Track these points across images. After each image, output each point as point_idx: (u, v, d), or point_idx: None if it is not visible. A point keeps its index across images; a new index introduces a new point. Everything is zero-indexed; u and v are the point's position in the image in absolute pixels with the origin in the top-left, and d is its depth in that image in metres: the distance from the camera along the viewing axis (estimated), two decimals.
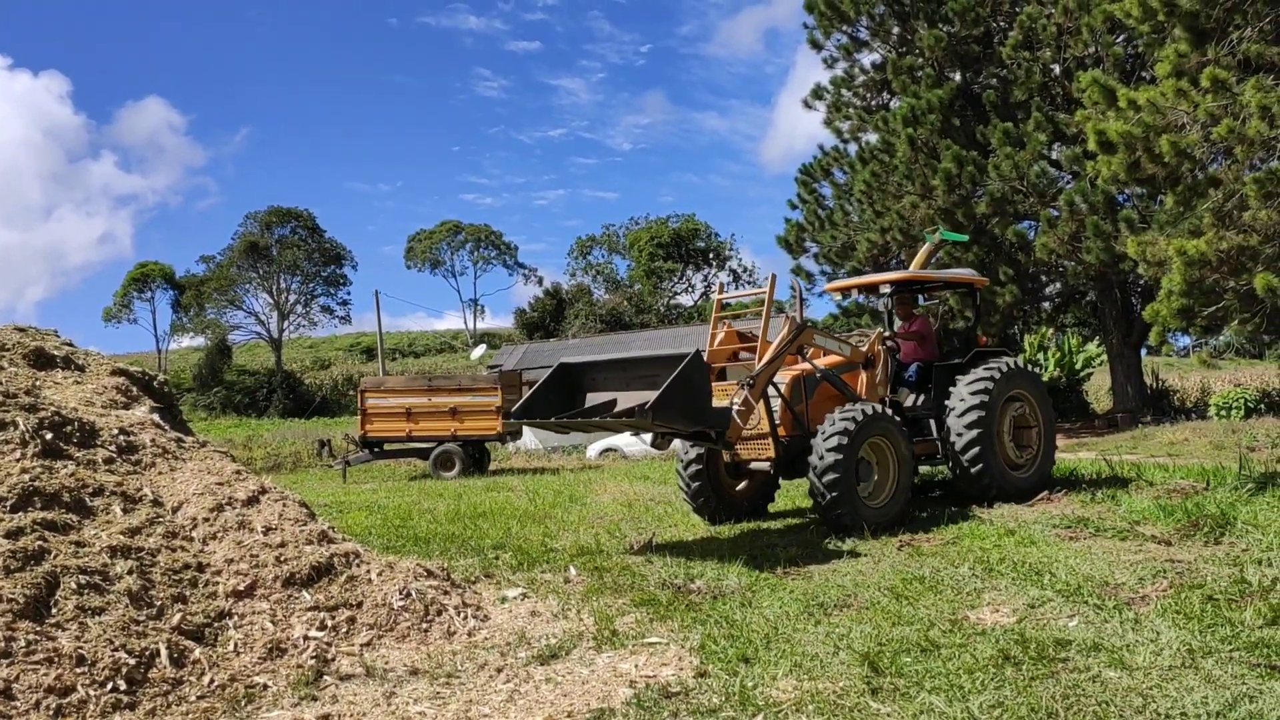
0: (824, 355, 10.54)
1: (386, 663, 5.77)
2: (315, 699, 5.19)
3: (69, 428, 6.83)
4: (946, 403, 10.58)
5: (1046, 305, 26.75)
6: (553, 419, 8.95)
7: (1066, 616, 5.83)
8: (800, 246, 26.39)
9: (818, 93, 25.87)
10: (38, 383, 7.48)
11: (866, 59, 25.57)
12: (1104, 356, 25.70)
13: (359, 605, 6.34)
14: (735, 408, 9.09)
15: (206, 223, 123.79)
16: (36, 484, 6.04)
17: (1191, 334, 22.70)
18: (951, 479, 10.84)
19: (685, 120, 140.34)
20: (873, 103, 25.64)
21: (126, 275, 69.08)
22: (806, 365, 10.25)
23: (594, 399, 9.35)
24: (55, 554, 5.57)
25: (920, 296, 12.71)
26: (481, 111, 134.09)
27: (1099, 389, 30.03)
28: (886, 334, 11.49)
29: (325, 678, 5.49)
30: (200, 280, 66.67)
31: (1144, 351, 26.12)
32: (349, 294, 71.24)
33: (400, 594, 6.54)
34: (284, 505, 7.09)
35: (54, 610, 5.23)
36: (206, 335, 65.79)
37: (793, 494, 12.18)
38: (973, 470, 10.32)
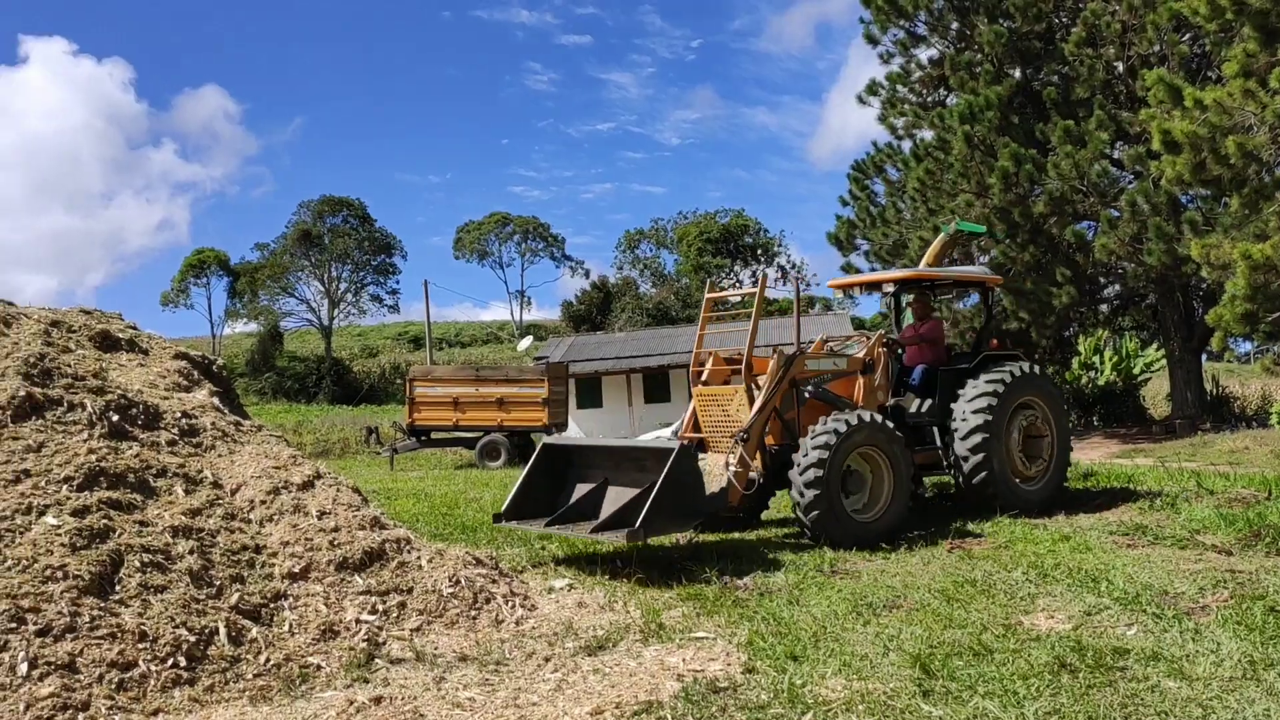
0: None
1: (436, 648, 5.83)
2: (367, 681, 5.26)
3: (134, 410, 6.98)
4: (951, 409, 10.14)
5: (1104, 308, 26.31)
6: (543, 526, 8.33)
7: (1124, 625, 5.74)
8: (851, 243, 26.20)
9: (872, 88, 25.63)
10: (104, 365, 7.64)
11: (924, 54, 25.29)
12: (1163, 361, 25.22)
13: (409, 591, 6.41)
14: (731, 469, 8.64)
15: (261, 210, 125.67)
16: (103, 464, 6.18)
17: (1254, 339, 22.25)
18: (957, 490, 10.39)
19: (735, 116, 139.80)
20: (929, 99, 25.34)
21: (184, 261, 70.30)
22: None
23: (582, 489, 8.74)
24: (120, 533, 5.70)
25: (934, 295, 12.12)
26: (531, 105, 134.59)
27: (1156, 394, 29.49)
28: (890, 336, 10.93)
29: (376, 661, 5.56)
30: (254, 267, 67.65)
31: (1204, 357, 25.58)
32: (398, 283, 71.81)
33: (450, 581, 6.61)
34: (338, 490, 7.18)
35: (118, 587, 5.35)
36: (259, 321, 66.77)
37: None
38: (976, 481, 9.86)
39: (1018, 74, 23.22)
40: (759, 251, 67.05)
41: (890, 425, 9.17)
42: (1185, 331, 22.98)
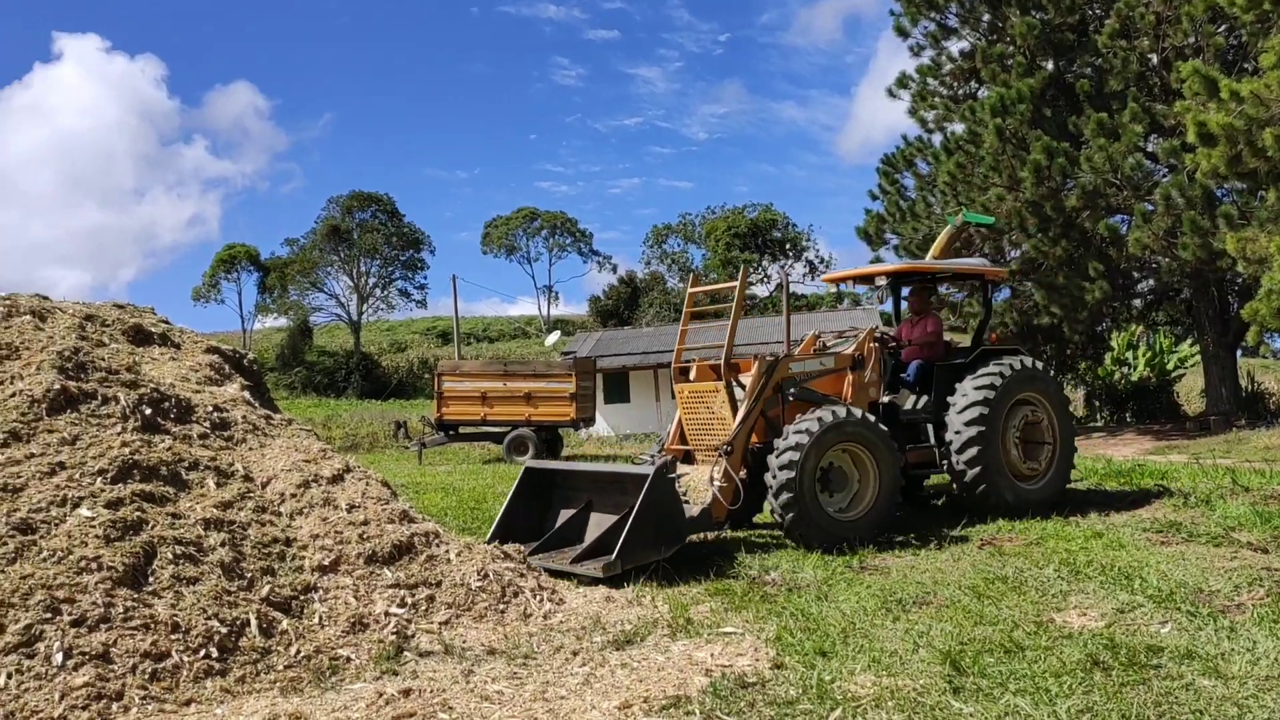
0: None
1: (464, 642, 5.85)
2: (396, 673, 5.29)
3: (166, 404, 7.05)
4: (946, 405, 9.82)
5: (1138, 303, 26.01)
6: (526, 554, 7.61)
7: (1158, 622, 5.67)
8: (880, 238, 26.03)
9: (903, 81, 25.44)
10: (137, 359, 7.72)
11: (955, 47, 25.06)
12: (1197, 357, 24.91)
13: (438, 584, 6.44)
14: (716, 484, 8.43)
15: (291, 206, 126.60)
16: (136, 457, 6.24)
17: None
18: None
19: (763, 110, 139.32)
20: (960, 92, 25.12)
21: (215, 257, 70.96)
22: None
23: (565, 514, 8.52)
24: (153, 525, 5.75)
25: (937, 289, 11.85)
26: (559, 100, 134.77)
27: (1190, 390, 29.12)
28: (883, 331, 10.56)
29: (405, 653, 5.59)
30: (284, 262, 68.17)
31: (1239, 352, 25.22)
32: (426, 278, 72.23)
33: (478, 575, 6.63)
34: (367, 484, 7.22)
35: (151, 579, 5.40)
36: (289, 316, 67.28)
37: None
38: (970, 480, 9.55)
39: (1050, 66, 22.97)
40: (787, 246, 66.81)
41: (873, 421, 8.89)
42: (1220, 326, 22.68)
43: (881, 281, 10.67)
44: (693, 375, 9.43)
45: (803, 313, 36.61)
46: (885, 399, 10.05)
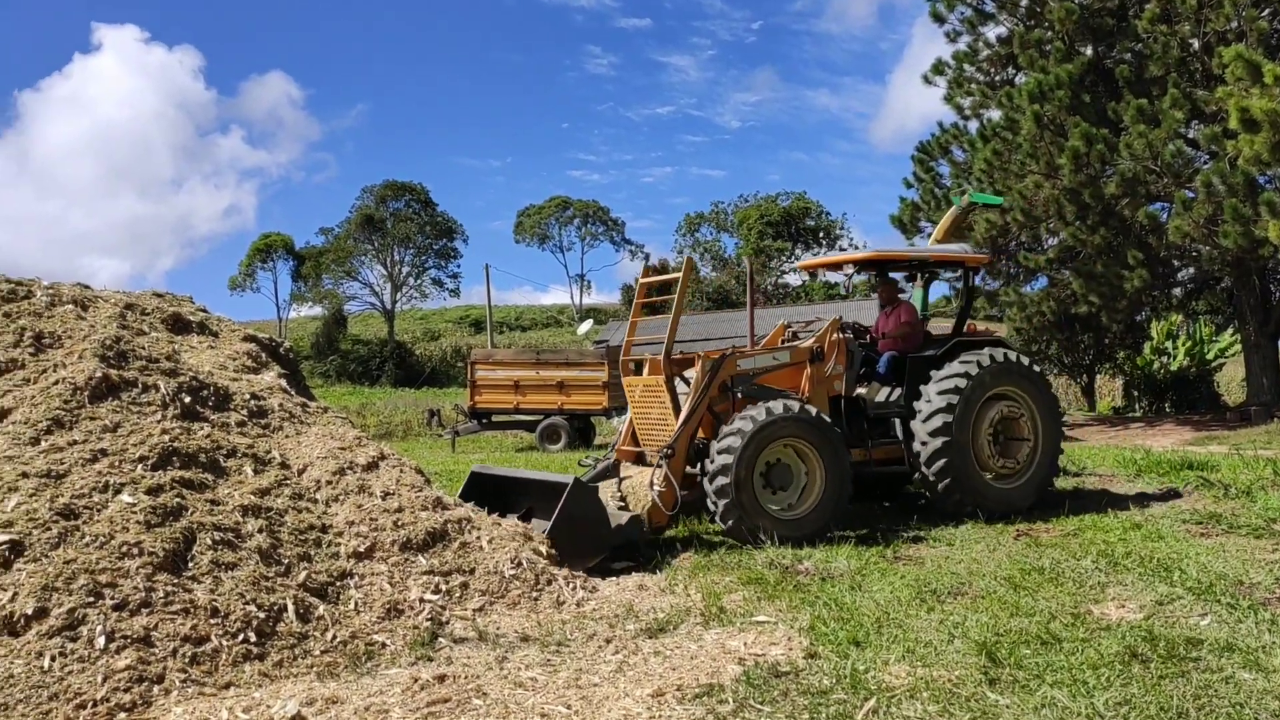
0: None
1: (498, 628, 5.89)
2: (431, 659, 5.33)
3: (205, 392, 7.13)
4: (921, 389, 9.38)
5: (1177, 291, 25.62)
6: None
7: (1198, 614, 5.60)
8: (915, 226, 25.80)
9: (938, 68, 25.16)
10: (176, 347, 7.81)
11: (992, 32, 24.73)
12: (1238, 346, 24.52)
13: (472, 571, 6.48)
14: (656, 489, 8.21)
15: (325, 195, 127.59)
16: (175, 445, 6.33)
17: None
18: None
19: (796, 98, 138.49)
20: (996, 78, 24.81)
21: (250, 246, 71.67)
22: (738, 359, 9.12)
23: (510, 519, 8.09)
24: (192, 511, 5.83)
25: (914, 277, 10.97)
26: (591, 89, 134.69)
27: (1231, 380, 28.70)
28: (853, 322, 10.16)
29: (440, 640, 5.64)
30: (319, 251, 68.74)
31: None
32: (459, 267, 72.65)
33: (512, 562, 6.67)
34: (401, 471, 7.27)
35: (191, 564, 5.48)
36: (324, 305, 67.89)
37: None
38: (935, 479, 9.11)
39: (1089, 51, 22.64)
40: (820, 234, 66.47)
41: (815, 415, 8.53)
42: (1261, 315, 22.29)
43: (849, 269, 10.33)
44: (645, 371, 9.16)
45: (835, 302, 36.46)
46: (860, 391, 9.70)
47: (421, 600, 6.05)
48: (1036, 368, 9.79)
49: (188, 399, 6.93)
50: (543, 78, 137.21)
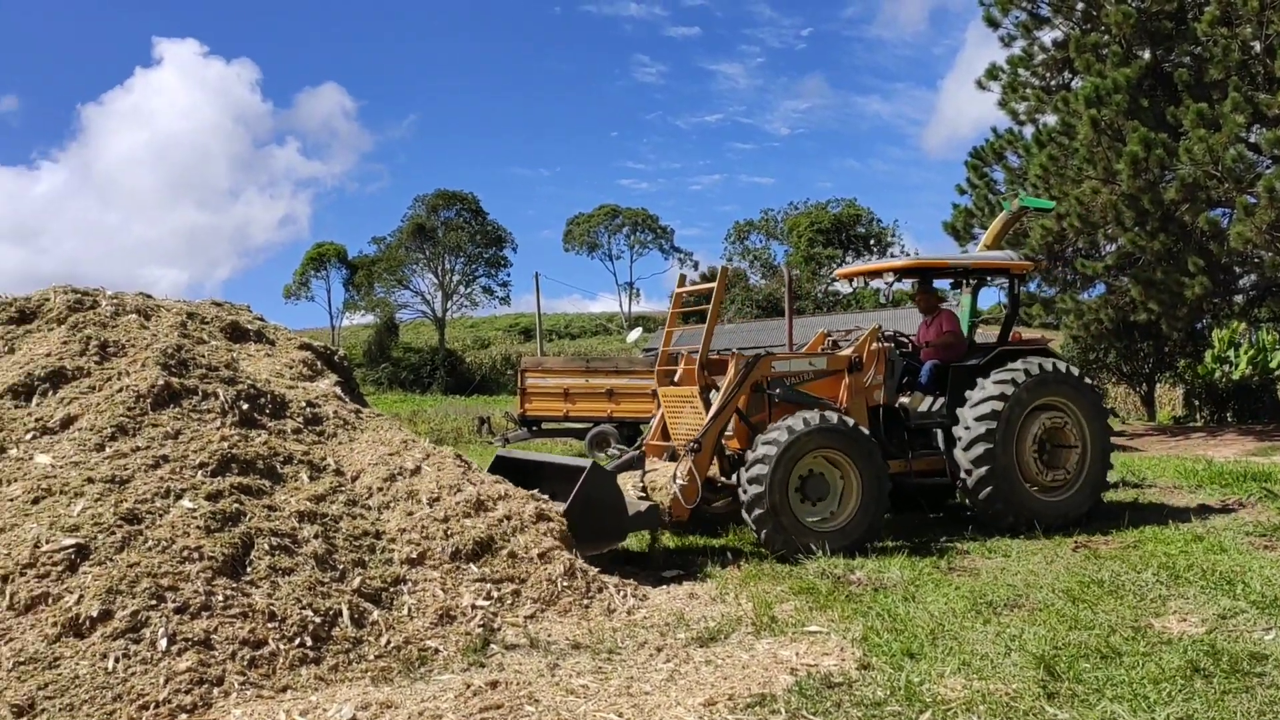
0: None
1: (549, 635, 5.91)
2: (483, 665, 5.37)
3: (263, 399, 7.26)
4: (958, 411, 9.15)
5: (1239, 298, 25.04)
6: None
7: (1262, 629, 5.47)
8: (968, 233, 25.49)
9: (993, 73, 24.87)
10: (234, 356, 7.96)
11: (1047, 37, 24.39)
12: None
13: (523, 579, 6.51)
14: (679, 481, 8.13)
15: (377, 205, 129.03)
16: (234, 451, 6.44)
17: None
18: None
19: (846, 104, 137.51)
20: (1052, 82, 24.46)
21: (305, 255, 72.72)
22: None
23: None
24: (250, 516, 5.93)
25: (959, 285, 10.67)
26: (640, 98, 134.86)
27: None
28: (894, 331, 10.09)
29: (492, 646, 5.67)
30: (371, 260, 69.55)
31: None
32: (509, 275, 73.13)
33: (563, 570, 6.69)
34: (440, 470, 7.29)
35: (249, 569, 5.57)
36: (376, 313, 68.66)
37: None
38: (977, 490, 8.89)
39: (1147, 55, 22.25)
40: (872, 242, 65.97)
41: (853, 426, 8.39)
42: None
43: (890, 278, 10.08)
44: (677, 378, 9.14)
45: (886, 310, 36.11)
46: (902, 401, 9.53)
47: (474, 607, 6.09)
48: (1084, 376, 9.54)
49: (246, 406, 7.05)
50: (592, 87, 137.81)
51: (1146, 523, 9.05)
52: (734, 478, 8.37)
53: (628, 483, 8.37)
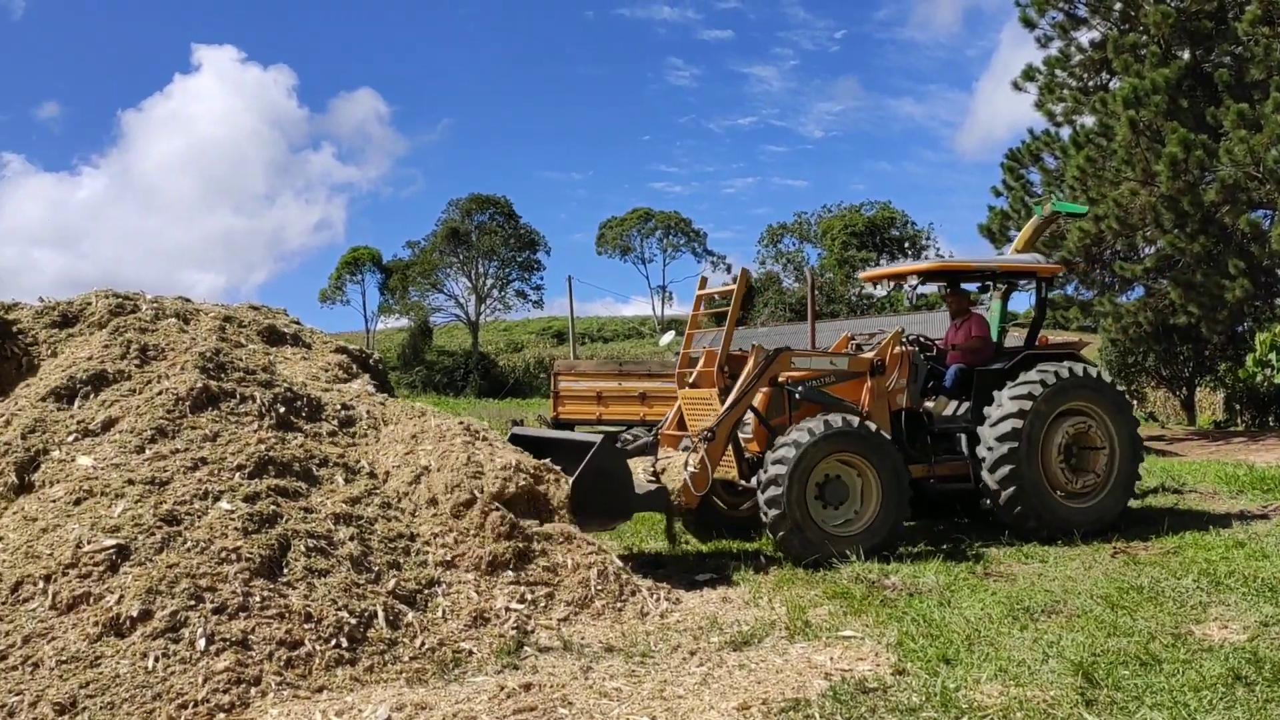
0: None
1: (583, 638, 5.93)
2: (517, 668, 5.39)
3: (299, 402, 7.34)
4: (979, 430, 8.96)
5: None
6: None
7: None
8: (1004, 235, 25.26)
9: (1029, 74, 24.66)
10: (271, 359, 8.05)
11: (1084, 37, 24.16)
12: None
13: (557, 581, 6.53)
14: (690, 469, 8.07)
15: (411, 209, 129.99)
16: (271, 454, 6.51)
17: None
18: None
19: (879, 107, 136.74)
20: (1090, 83, 24.22)
21: (340, 259, 73.34)
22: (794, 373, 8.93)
23: None
24: (287, 518, 5.99)
25: (986, 288, 10.49)
26: (672, 101, 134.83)
27: None
28: (918, 335, 9.94)
29: (525, 648, 5.70)
30: (405, 264, 70.03)
31: None
32: (542, 279, 73.16)
33: (596, 573, 6.70)
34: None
35: (285, 570, 5.63)
36: (410, 317, 69.11)
37: None
38: (1005, 501, 8.71)
39: (1186, 55, 21.98)
40: (906, 244, 65.55)
41: (873, 431, 8.29)
42: None
43: (913, 281, 9.93)
44: (694, 379, 9.07)
45: (920, 313, 35.87)
46: (928, 405, 9.38)
47: (507, 609, 6.12)
48: (1102, 376, 9.35)
49: (282, 409, 7.13)
50: (624, 91, 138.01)
51: (1186, 528, 8.92)
52: (754, 481, 8.32)
53: (638, 467, 8.33)
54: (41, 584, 5.21)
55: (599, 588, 6.58)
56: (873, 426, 8.37)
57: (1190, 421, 28.29)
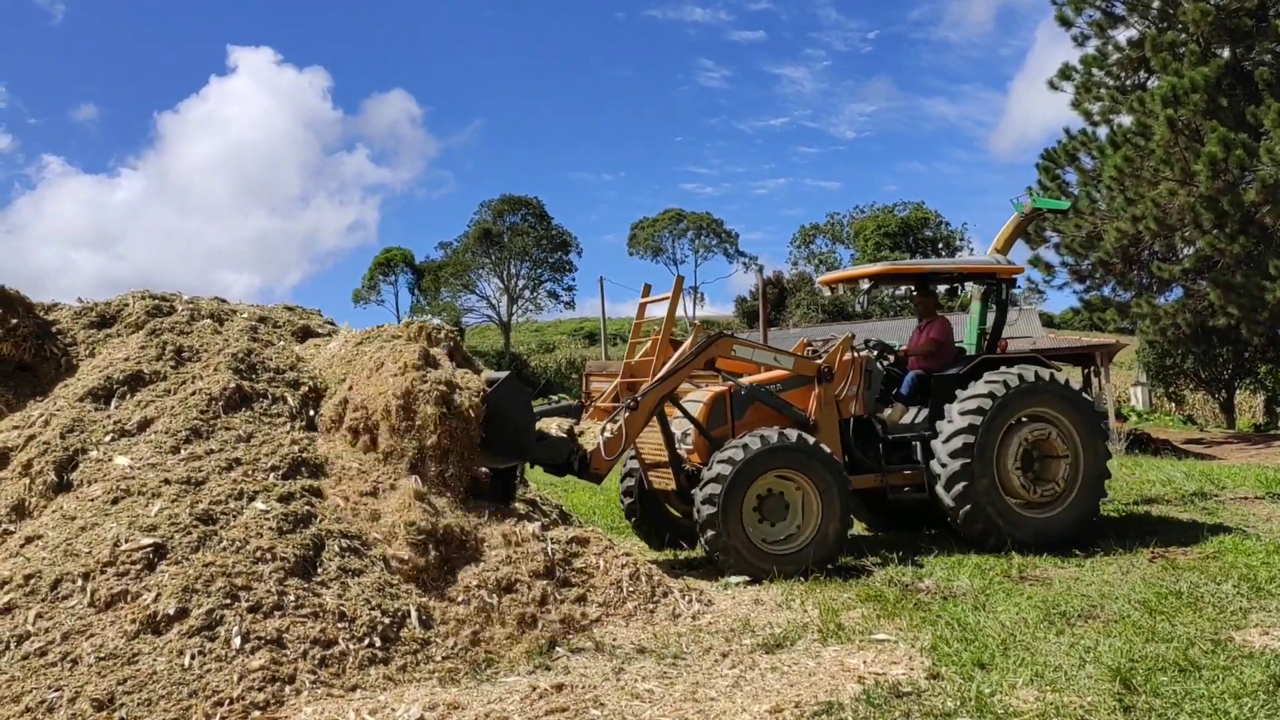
0: (763, 369, 8.87)
1: (615, 640, 5.92)
2: (549, 669, 5.39)
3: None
4: (937, 425, 8.64)
5: None
6: None
7: None
8: (1040, 236, 25.03)
9: (1065, 73, 24.42)
10: (299, 354, 8.09)
11: (1121, 35, 23.92)
12: None
13: (589, 583, 6.52)
14: (606, 434, 7.86)
15: (444, 210, 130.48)
16: (304, 455, 6.56)
17: None
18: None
19: (912, 107, 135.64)
20: (1127, 82, 23.95)
21: (373, 260, 73.93)
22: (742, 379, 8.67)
23: None
24: (320, 519, 6.03)
25: (954, 291, 10.17)
26: (703, 102, 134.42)
27: None
28: (876, 340, 9.60)
29: (557, 649, 5.70)
30: (438, 265, 70.49)
31: None
32: (574, 280, 73.46)
33: (628, 575, 6.69)
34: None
35: (319, 570, 5.66)
36: (442, 317, 69.49)
37: None
38: (958, 509, 8.35)
39: (1226, 54, 21.68)
40: (940, 245, 65.07)
41: (812, 444, 7.92)
42: None
43: (865, 284, 9.55)
44: (640, 354, 8.79)
45: (956, 313, 35.61)
46: (887, 413, 9.05)
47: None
48: (1069, 383, 8.87)
49: (313, 413, 7.17)
50: (655, 92, 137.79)
51: (1226, 533, 8.79)
52: (694, 493, 7.94)
53: (554, 423, 8.14)
54: (80, 581, 5.28)
55: (630, 589, 6.57)
56: (810, 440, 8.02)
57: (1229, 424, 27.88)
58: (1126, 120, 22.63)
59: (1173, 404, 32.56)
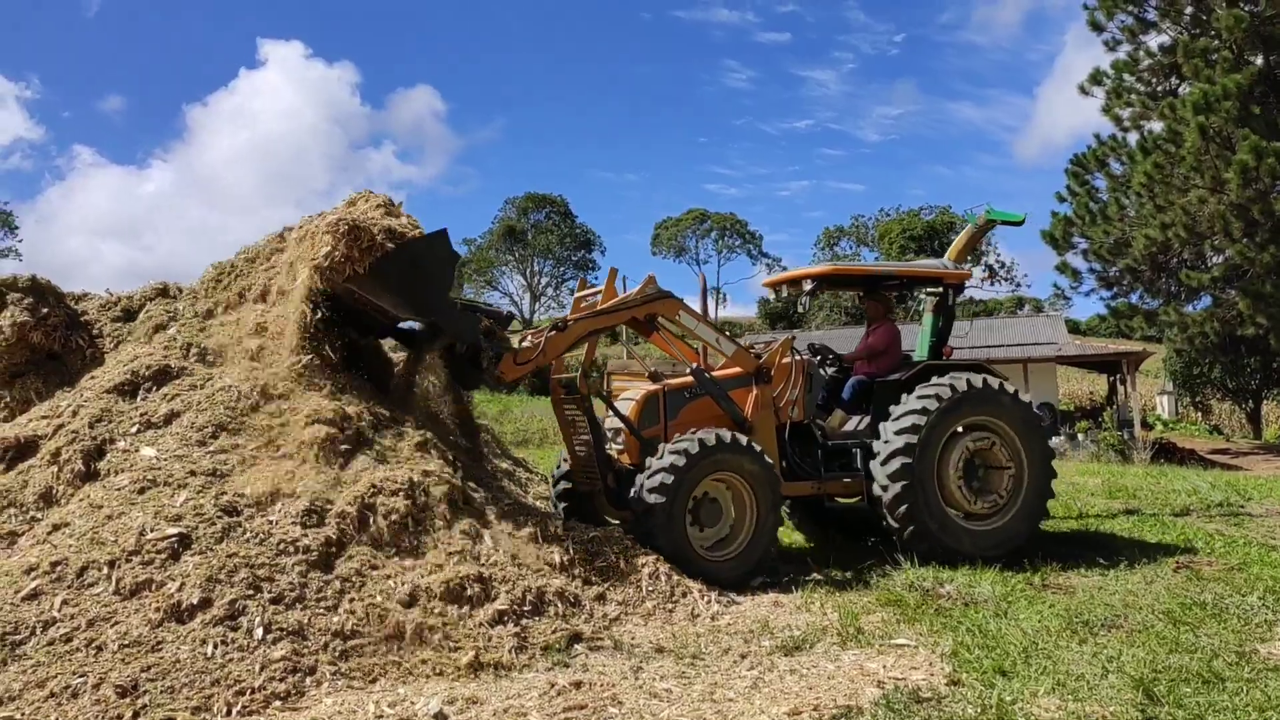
0: (708, 360, 8.64)
1: (633, 639, 5.92)
2: (568, 666, 5.41)
3: None
4: (880, 427, 8.38)
5: None
6: None
7: None
8: (1067, 242, 24.88)
9: (1096, 78, 24.26)
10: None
11: (1153, 41, 23.74)
12: None
13: (609, 581, 6.53)
14: (523, 344, 7.72)
15: (468, 207, 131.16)
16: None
17: None
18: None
19: (937, 111, 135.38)
20: (1158, 88, 23.76)
21: None
22: (679, 380, 8.48)
23: None
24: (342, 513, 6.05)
25: (904, 298, 10.12)
26: (728, 103, 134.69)
27: None
28: (819, 344, 9.45)
29: (576, 647, 5.71)
30: (461, 262, 70.79)
31: None
32: (597, 278, 73.76)
33: (648, 574, 6.70)
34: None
35: (340, 563, 5.69)
36: None
37: None
38: (896, 520, 8.12)
39: (1259, 61, 21.46)
40: None
41: (746, 446, 7.65)
42: None
43: (807, 286, 9.20)
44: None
45: (981, 318, 35.41)
46: (825, 418, 8.84)
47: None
48: (1017, 393, 8.64)
49: None
50: (680, 92, 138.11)
51: (1252, 544, 8.70)
52: (630, 493, 7.64)
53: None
54: (106, 569, 5.33)
55: (650, 588, 6.58)
56: (744, 440, 7.75)
57: (1256, 435, 27.60)
58: (1157, 126, 22.49)
59: (1199, 413, 32.25)
